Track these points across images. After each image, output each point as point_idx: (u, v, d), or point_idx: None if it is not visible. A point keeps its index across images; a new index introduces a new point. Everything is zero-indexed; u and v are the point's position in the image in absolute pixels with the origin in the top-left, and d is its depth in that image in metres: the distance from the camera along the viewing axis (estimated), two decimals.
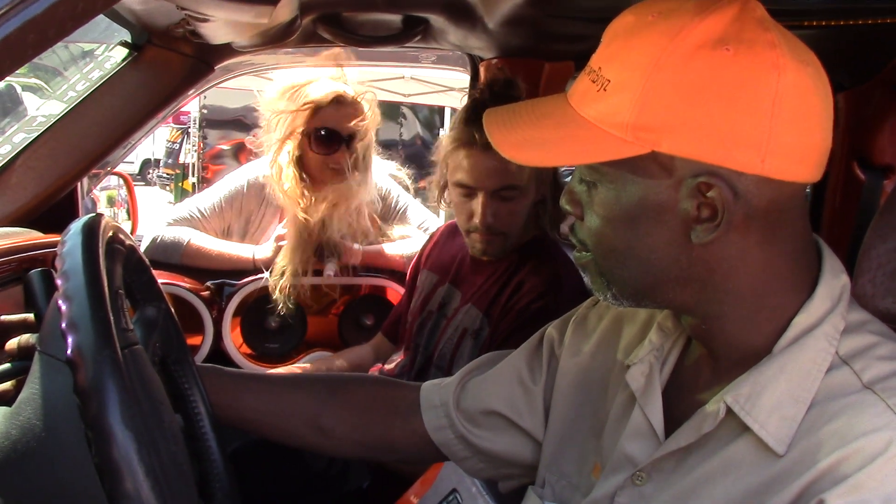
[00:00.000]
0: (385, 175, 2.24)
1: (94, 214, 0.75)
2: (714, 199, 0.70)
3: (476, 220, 1.56)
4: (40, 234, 1.45)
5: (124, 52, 1.69)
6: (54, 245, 1.37)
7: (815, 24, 1.31)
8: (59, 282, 0.65)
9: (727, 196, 0.69)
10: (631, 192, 0.73)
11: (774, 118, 0.67)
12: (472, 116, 1.56)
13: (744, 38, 0.68)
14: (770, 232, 0.73)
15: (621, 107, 0.70)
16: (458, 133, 1.58)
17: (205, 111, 10.16)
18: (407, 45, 1.79)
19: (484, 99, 1.54)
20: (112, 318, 0.64)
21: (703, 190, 0.70)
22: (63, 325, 0.62)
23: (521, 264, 1.63)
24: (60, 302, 0.63)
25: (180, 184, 11.36)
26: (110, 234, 0.77)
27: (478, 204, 1.55)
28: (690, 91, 0.68)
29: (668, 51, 0.68)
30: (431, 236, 1.94)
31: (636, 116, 0.69)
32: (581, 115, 0.74)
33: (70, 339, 0.62)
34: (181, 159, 11.62)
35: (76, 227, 0.71)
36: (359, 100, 2.03)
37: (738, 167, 0.69)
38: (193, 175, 10.50)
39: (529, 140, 0.75)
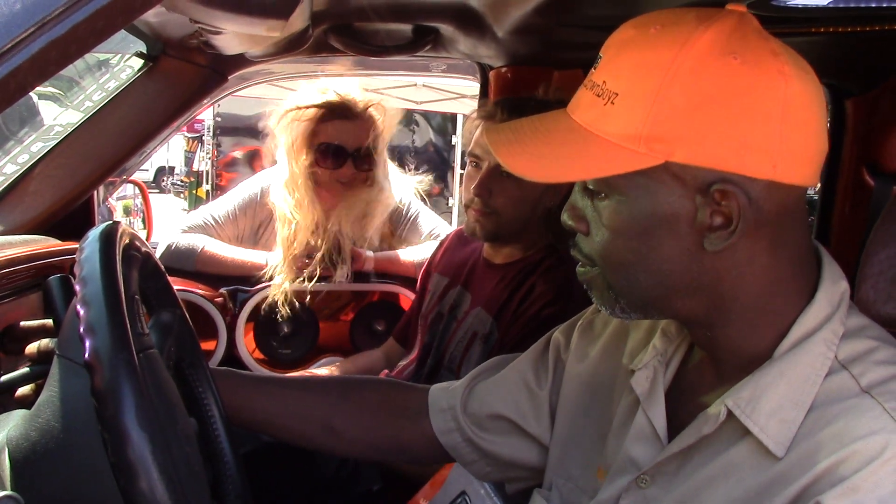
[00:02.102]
0: (398, 182, 2.26)
1: (111, 222, 0.77)
2: (728, 207, 0.71)
3: (473, 190, 1.59)
4: (58, 242, 1.48)
5: (140, 62, 1.71)
6: (72, 252, 1.40)
7: (822, 30, 1.31)
8: (77, 287, 0.67)
9: (743, 202, 0.70)
10: (642, 203, 0.73)
11: (784, 123, 0.69)
12: (506, 101, 1.60)
13: (748, 47, 0.70)
14: (777, 237, 0.74)
15: (633, 119, 0.70)
16: (486, 108, 1.62)
17: (218, 119, 10.22)
18: (417, 54, 1.80)
19: (531, 101, 1.57)
20: (128, 322, 0.66)
21: (717, 198, 0.71)
22: (81, 329, 0.64)
23: (531, 270, 1.64)
24: (79, 307, 0.65)
25: (194, 191, 11.43)
26: (127, 241, 0.79)
27: (479, 175, 1.58)
28: (702, 100, 0.69)
29: (678, 61, 0.69)
30: (442, 242, 1.95)
31: (649, 128, 0.70)
32: (588, 130, 0.74)
33: (88, 343, 0.63)
34: (195, 167, 11.69)
35: (94, 234, 0.73)
36: (369, 112, 2.04)
37: (750, 173, 0.70)
38: (207, 182, 10.56)
39: (539, 156, 0.75)
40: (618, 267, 0.77)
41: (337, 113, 2.02)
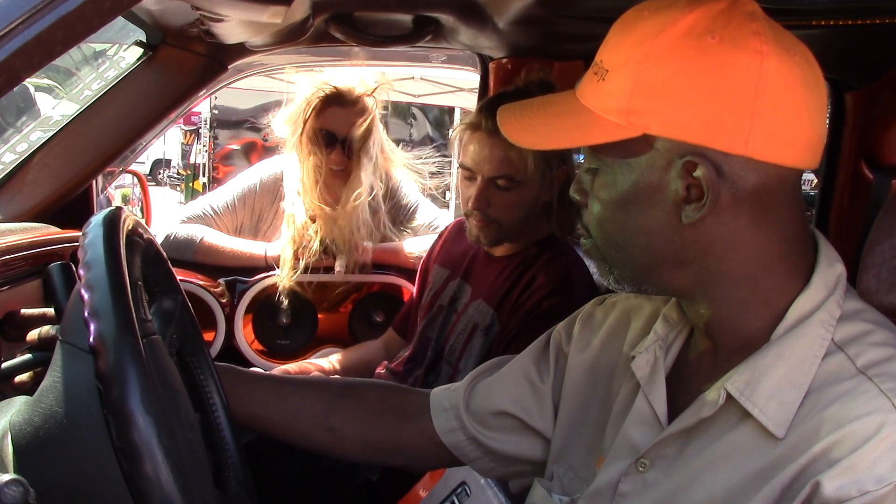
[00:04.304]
0: (400, 172, 2.26)
1: (114, 207, 0.77)
2: (701, 179, 0.73)
3: (471, 204, 1.59)
4: (58, 230, 1.47)
5: (139, 51, 1.71)
6: (72, 240, 1.40)
7: (823, 23, 1.31)
8: (81, 272, 0.67)
9: (711, 175, 0.72)
10: (626, 175, 0.76)
11: (757, 100, 0.70)
12: (488, 104, 1.60)
13: (729, 27, 0.72)
14: (760, 214, 0.75)
15: (616, 93, 0.74)
16: (471, 117, 1.63)
17: (215, 111, 10.20)
18: (418, 44, 1.80)
19: (510, 92, 1.57)
20: (132, 307, 0.66)
21: (689, 170, 0.73)
22: (85, 313, 0.64)
23: (532, 262, 1.64)
24: (83, 291, 0.65)
25: (191, 184, 11.40)
26: (130, 226, 0.78)
27: (475, 188, 1.58)
28: (676, 75, 0.71)
29: (659, 40, 0.72)
30: (441, 233, 1.95)
31: (628, 101, 0.73)
32: (582, 105, 0.78)
33: (92, 327, 0.63)
34: (192, 160, 11.67)
35: (97, 219, 0.73)
36: (363, 100, 2.04)
37: (722, 147, 0.72)
38: (204, 175, 10.54)
39: (533, 127, 0.81)
40: (607, 237, 0.80)
41: (332, 101, 2.03)
